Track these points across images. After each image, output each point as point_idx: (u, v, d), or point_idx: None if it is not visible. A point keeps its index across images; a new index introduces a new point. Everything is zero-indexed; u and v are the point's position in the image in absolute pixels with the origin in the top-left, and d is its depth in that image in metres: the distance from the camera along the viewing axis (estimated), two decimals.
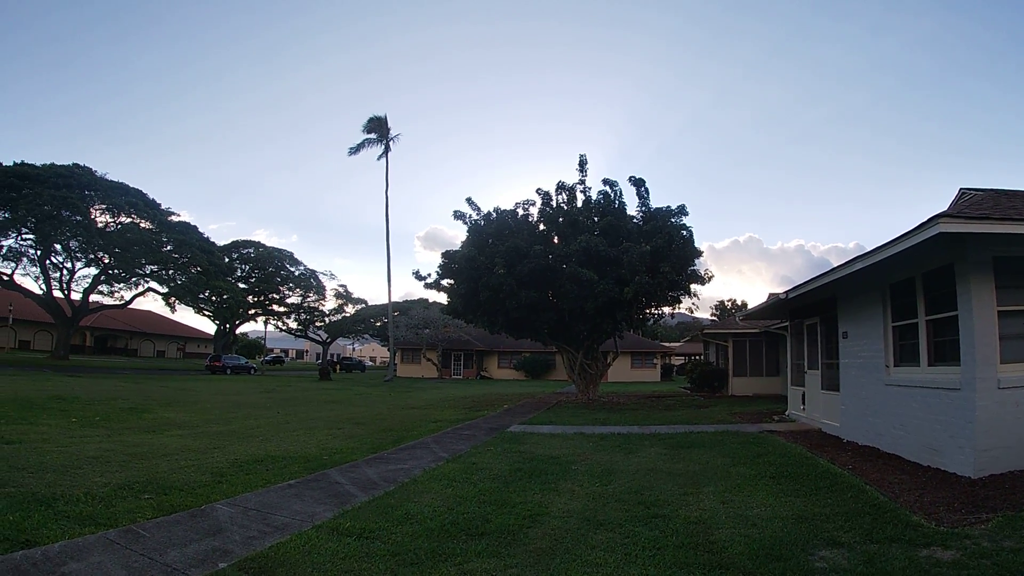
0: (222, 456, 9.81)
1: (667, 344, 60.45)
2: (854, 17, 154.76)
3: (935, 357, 8.97)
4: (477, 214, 22.91)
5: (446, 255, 22.79)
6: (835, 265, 11.15)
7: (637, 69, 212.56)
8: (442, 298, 25.27)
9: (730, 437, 12.20)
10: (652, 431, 13.45)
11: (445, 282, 23.34)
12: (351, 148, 49.19)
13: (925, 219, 7.41)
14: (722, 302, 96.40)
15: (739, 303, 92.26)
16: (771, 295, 17.67)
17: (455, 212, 22.76)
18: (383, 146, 49.13)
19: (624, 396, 26.94)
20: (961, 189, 12.80)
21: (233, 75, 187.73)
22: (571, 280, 19.86)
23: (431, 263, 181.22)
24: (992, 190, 11.39)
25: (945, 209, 11.61)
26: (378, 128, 48.98)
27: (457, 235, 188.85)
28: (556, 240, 22.10)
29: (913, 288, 9.52)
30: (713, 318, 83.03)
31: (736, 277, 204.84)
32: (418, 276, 23.86)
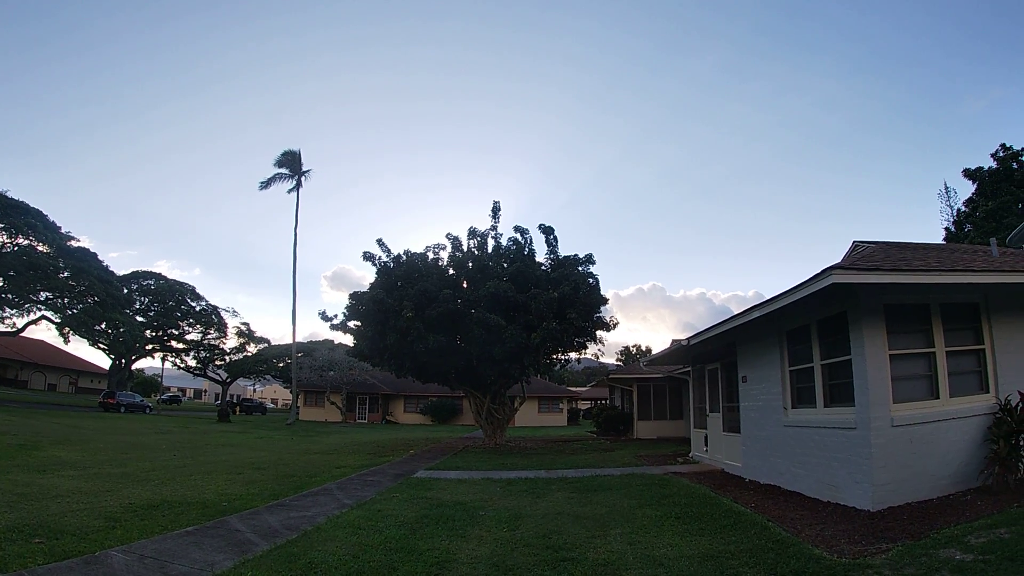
0: (116, 500, 9.32)
1: (574, 389, 61.05)
2: (760, 78, 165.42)
3: (831, 399, 9.45)
4: (387, 256, 22.61)
5: (354, 296, 22.29)
6: (735, 313, 11.65)
7: (549, 124, 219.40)
8: (348, 340, 24.63)
9: (636, 479, 12.35)
10: (559, 475, 13.46)
11: (352, 324, 22.75)
12: (262, 182, 47.66)
13: (819, 271, 7.86)
14: (627, 348, 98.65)
15: (644, 348, 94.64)
16: (674, 341, 18.20)
17: (364, 253, 22.37)
18: (295, 181, 47.99)
19: (531, 441, 26.87)
20: (854, 242, 13.69)
21: (149, 109, 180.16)
22: (480, 325, 19.78)
23: (338, 303, 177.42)
24: (883, 242, 12.26)
25: (839, 261, 12.38)
26: (291, 163, 47.88)
27: (366, 276, 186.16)
28: (465, 285, 22.05)
29: (808, 335, 10.03)
30: (618, 363, 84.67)
31: (641, 323, 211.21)
32: (324, 317, 23.17)
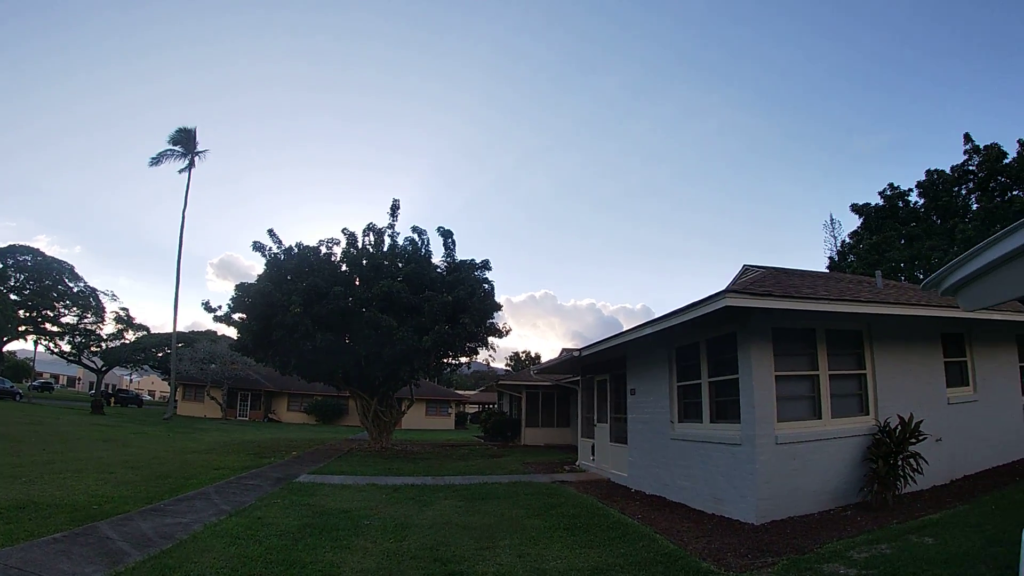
0: None
1: (462, 392, 60.85)
2: (667, 101, 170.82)
3: (717, 415, 9.76)
4: (278, 247, 21.72)
5: (240, 288, 21.19)
6: (626, 328, 11.86)
7: (451, 126, 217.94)
8: (232, 332, 23.42)
9: (524, 488, 12.34)
10: (446, 482, 13.30)
11: (237, 316, 21.63)
12: (152, 158, 44.27)
13: (713, 293, 8.08)
14: (517, 354, 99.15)
15: (534, 355, 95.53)
16: (565, 351, 18.39)
17: (254, 243, 21.38)
18: (187, 160, 45.03)
19: (418, 444, 26.52)
20: (745, 265, 14.29)
21: (42, 86, 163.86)
22: (370, 325, 19.33)
23: (224, 293, 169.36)
24: (772, 268, 12.84)
25: (729, 283, 12.81)
26: (185, 141, 44.80)
27: (254, 267, 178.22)
28: (358, 283, 21.42)
29: (698, 352, 10.36)
30: (508, 369, 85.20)
31: (531, 330, 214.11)
32: (208, 307, 21.86)
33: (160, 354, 63.48)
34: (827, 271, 23.76)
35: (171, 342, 46.69)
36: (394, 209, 22.89)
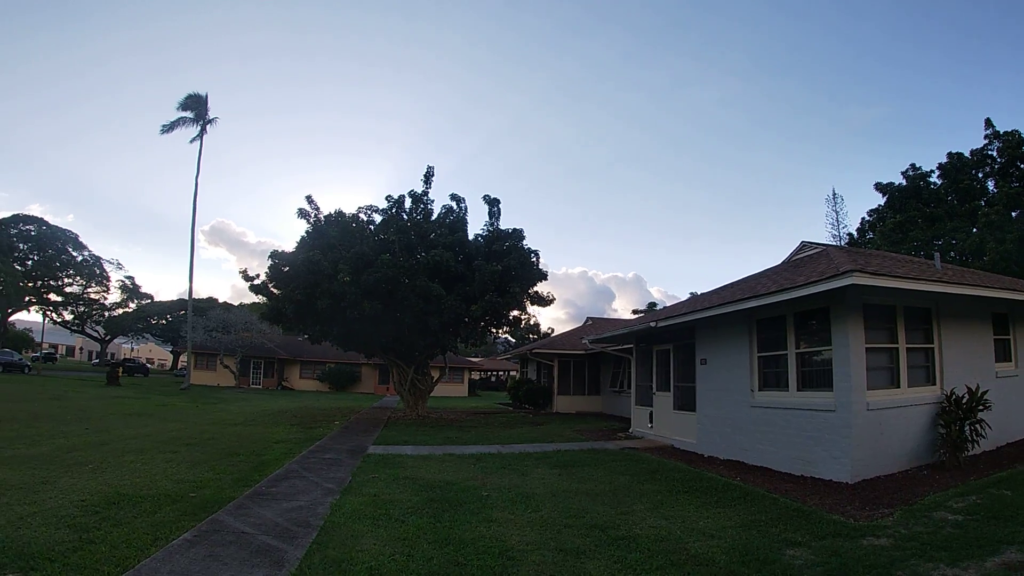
0: (62, 495, 8.20)
1: (472, 360, 62.61)
2: (662, 68, 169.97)
3: (803, 383, 11.16)
4: (314, 214, 22.70)
5: (276, 256, 22.18)
6: (701, 294, 13.07)
7: (437, 91, 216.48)
8: (250, 299, 24.43)
9: (603, 455, 13.66)
10: (520, 450, 14.46)
11: (272, 285, 22.66)
12: (163, 126, 44.96)
13: (840, 271, 9.42)
14: (517, 320, 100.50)
15: (532, 324, 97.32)
16: (639, 319, 19.64)
17: (299, 210, 22.37)
18: (199, 127, 45.71)
19: (450, 412, 28.01)
20: (803, 242, 15.64)
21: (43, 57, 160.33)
22: (418, 294, 20.39)
23: (217, 259, 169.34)
24: (835, 246, 14.15)
25: (786, 258, 14.35)
26: (196, 106, 45.44)
27: (247, 233, 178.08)
28: (400, 251, 22.18)
29: (783, 325, 11.73)
30: (506, 336, 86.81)
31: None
32: (246, 276, 22.87)
33: (162, 322, 64.71)
34: (881, 251, 25.16)
35: (187, 311, 47.57)
36: (428, 177, 23.80)
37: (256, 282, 22.88)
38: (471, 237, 23.53)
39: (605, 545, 6.52)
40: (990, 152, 38.46)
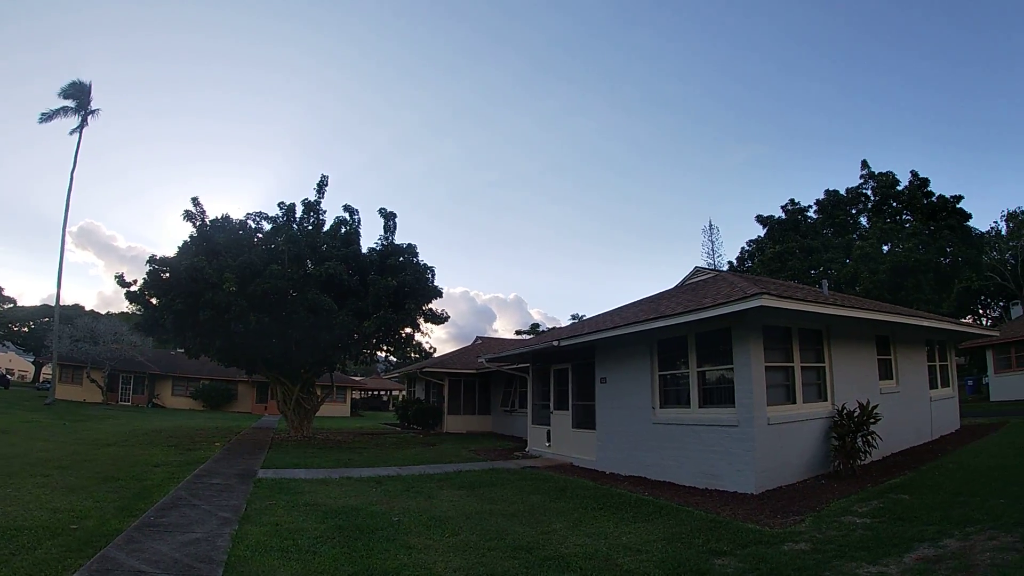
0: None
1: (355, 379, 61.16)
2: (551, 97, 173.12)
3: (705, 400, 11.65)
4: (200, 219, 21.28)
5: (157, 261, 20.65)
6: (595, 315, 13.44)
7: (322, 103, 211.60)
8: (125, 307, 22.82)
9: (506, 475, 13.67)
10: (419, 471, 14.12)
11: (150, 293, 21.08)
12: (43, 114, 40.72)
13: (749, 294, 10.03)
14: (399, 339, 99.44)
15: (415, 342, 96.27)
16: (539, 339, 19.91)
17: (185, 212, 20.89)
18: (80, 117, 42.01)
19: (337, 433, 27.17)
20: (696, 267, 16.66)
21: None
22: (308, 308, 19.73)
23: (84, 264, 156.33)
24: (729, 271, 15.08)
25: (680, 282, 15.15)
26: (78, 95, 41.51)
27: (116, 237, 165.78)
28: (289, 262, 21.34)
29: (685, 344, 12.24)
30: (387, 355, 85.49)
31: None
32: (122, 282, 21.07)
33: (25, 330, 59.48)
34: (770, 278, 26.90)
35: (37, 317, 43.97)
36: (321, 186, 23.22)
37: (133, 288, 21.05)
38: (364, 250, 23.07)
39: (536, 567, 6.41)
40: (865, 191, 42.63)
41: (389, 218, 23.14)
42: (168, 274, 20.42)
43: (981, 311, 54.04)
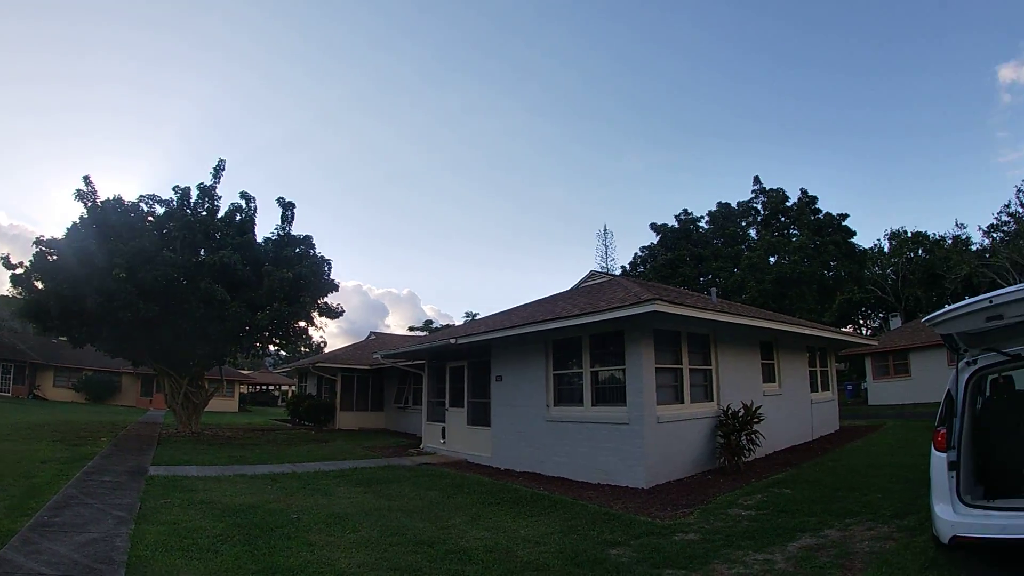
0: None
1: (243, 373, 59.25)
2: (456, 92, 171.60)
3: (598, 399, 12.21)
4: (91, 200, 20.04)
5: (44, 243, 19.59)
6: (493, 314, 13.84)
7: (201, 94, 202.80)
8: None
9: (402, 471, 13.74)
10: (314, 468, 13.97)
11: (35, 278, 19.67)
12: None
13: (644, 299, 10.59)
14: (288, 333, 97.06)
15: (307, 336, 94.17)
16: (437, 337, 19.94)
17: (77, 191, 19.69)
18: None
19: (227, 428, 26.22)
20: (591, 271, 17.31)
21: None
22: (200, 298, 19.16)
23: None
24: (623, 276, 15.80)
25: (576, 283, 15.81)
26: None
27: None
28: (182, 249, 20.40)
29: (579, 345, 12.79)
30: (276, 349, 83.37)
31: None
32: (7, 264, 19.62)
33: None
34: (662, 284, 28.11)
35: None
36: (218, 170, 22.24)
37: (18, 271, 19.73)
38: (260, 240, 22.52)
39: (439, 560, 6.54)
40: (755, 205, 45.44)
41: (287, 208, 22.64)
42: (56, 257, 19.36)
43: (862, 322, 57.87)
